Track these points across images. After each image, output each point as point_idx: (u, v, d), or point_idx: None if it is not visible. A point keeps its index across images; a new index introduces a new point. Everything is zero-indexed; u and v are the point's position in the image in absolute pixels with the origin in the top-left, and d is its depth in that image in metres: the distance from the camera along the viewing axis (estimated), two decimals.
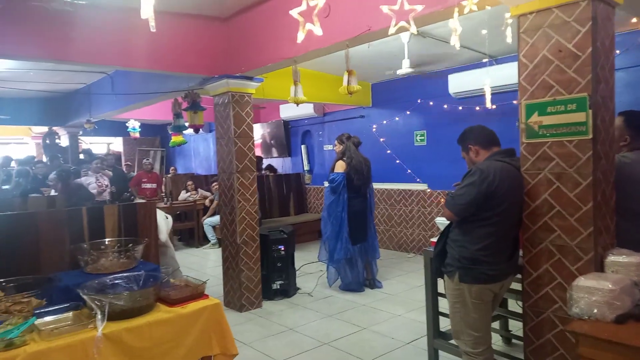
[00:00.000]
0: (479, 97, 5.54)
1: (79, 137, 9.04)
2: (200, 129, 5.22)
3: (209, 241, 7.80)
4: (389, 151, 6.83)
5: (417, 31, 2.40)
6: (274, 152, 9.24)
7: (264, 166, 8.92)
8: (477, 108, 5.65)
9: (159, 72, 4.48)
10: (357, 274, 4.92)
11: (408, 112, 6.64)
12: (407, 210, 6.80)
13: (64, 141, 8.82)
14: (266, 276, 4.69)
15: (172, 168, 10.95)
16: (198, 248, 7.81)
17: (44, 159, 8.34)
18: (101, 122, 8.21)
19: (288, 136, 8.98)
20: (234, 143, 4.43)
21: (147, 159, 9.41)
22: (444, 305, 2.96)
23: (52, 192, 5.85)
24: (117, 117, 8.34)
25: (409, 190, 6.75)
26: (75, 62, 3.79)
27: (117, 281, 2.28)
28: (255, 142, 4.72)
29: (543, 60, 2.25)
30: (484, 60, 5.25)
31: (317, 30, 2.08)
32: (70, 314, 2.08)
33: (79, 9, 3.47)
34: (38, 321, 1.93)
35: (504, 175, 2.29)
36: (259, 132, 9.20)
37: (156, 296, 2.22)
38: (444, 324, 3.09)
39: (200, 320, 2.21)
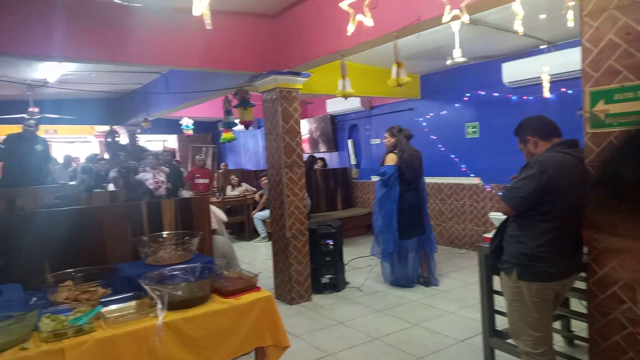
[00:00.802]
0: (535, 85, 5.28)
1: (137, 135, 9.52)
2: (250, 125, 5.33)
3: (259, 235, 7.98)
4: (443, 148, 6.65)
5: (470, 19, 2.30)
6: (321, 147, 9.27)
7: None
8: (534, 97, 5.38)
9: (210, 71, 4.61)
10: (407, 269, 4.83)
11: (459, 104, 6.43)
12: (459, 205, 6.61)
13: (123, 139, 9.32)
14: (315, 270, 4.73)
15: (222, 164, 11.28)
16: (249, 241, 8.00)
17: (106, 156, 8.85)
18: (157, 120, 8.60)
19: (335, 131, 8.98)
20: (282, 139, 4.48)
21: (200, 155, 9.74)
22: (499, 302, 2.86)
23: (111, 187, 6.18)
24: (171, 115, 8.69)
25: (461, 185, 6.55)
26: (133, 63, 3.98)
27: (175, 272, 2.38)
28: (302, 138, 4.75)
29: (609, 45, 2.09)
30: (542, 47, 4.98)
31: (368, 22, 2.05)
32: (133, 303, 2.19)
33: (136, 12, 3.63)
34: (104, 309, 2.05)
35: (565, 168, 2.17)
36: (306, 127, 9.26)
37: (211, 287, 2.29)
38: (500, 322, 2.99)
39: (254, 311, 2.26)
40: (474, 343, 3.38)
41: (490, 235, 2.56)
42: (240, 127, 5.57)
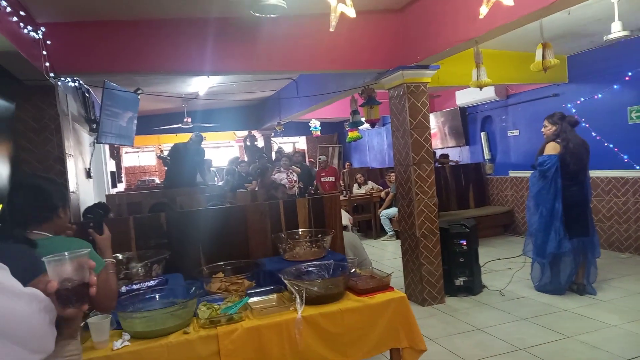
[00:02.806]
0: None
1: (271, 138, 10.24)
2: (376, 124, 5.32)
3: (386, 233, 7.92)
4: (598, 137, 5.81)
5: None
6: (450, 142, 8.85)
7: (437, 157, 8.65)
8: None
9: (338, 72, 4.70)
10: (560, 274, 4.29)
11: (618, 85, 5.54)
12: (620, 202, 5.70)
13: (260, 142, 10.11)
14: (448, 271, 4.50)
15: (347, 163, 11.49)
16: (376, 239, 8.00)
17: (246, 159, 9.70)
18: (288, 123, 9.13)
19: (465, 124, 8.48)
20: (410, 135, 4.36)
21: (320, 157, 9.78)
22: None
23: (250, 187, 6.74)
24: (301, 118, 9.15)
25: (622, 178, 5.64)
26: (270, 71, 4.26)
27: (310, 268, 2.47)
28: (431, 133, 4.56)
29: None
30: None
31: (508, 1, 1.86)
32: (274, 295, 2.34)
33: (268, 22, 3.87)
34: (250, 300, 2.21)
35: None
36: (433, 121, 8.92)
37: (345, 285, 2.32)
38: None
39: (388, 312, 2.23)
40: None
41: None
42: (366, 125, 5.59)
